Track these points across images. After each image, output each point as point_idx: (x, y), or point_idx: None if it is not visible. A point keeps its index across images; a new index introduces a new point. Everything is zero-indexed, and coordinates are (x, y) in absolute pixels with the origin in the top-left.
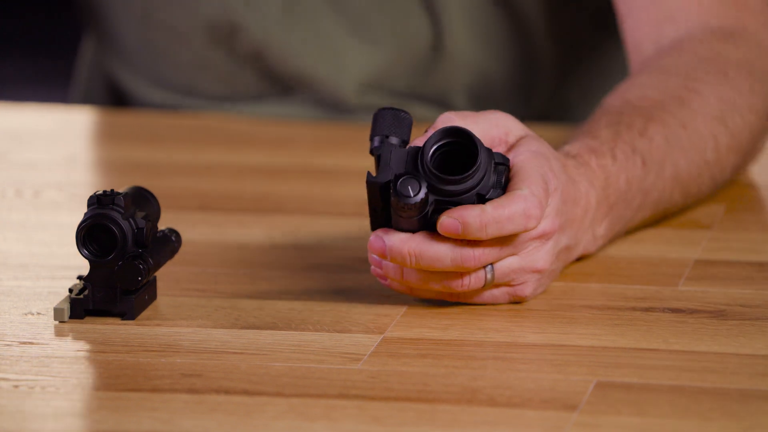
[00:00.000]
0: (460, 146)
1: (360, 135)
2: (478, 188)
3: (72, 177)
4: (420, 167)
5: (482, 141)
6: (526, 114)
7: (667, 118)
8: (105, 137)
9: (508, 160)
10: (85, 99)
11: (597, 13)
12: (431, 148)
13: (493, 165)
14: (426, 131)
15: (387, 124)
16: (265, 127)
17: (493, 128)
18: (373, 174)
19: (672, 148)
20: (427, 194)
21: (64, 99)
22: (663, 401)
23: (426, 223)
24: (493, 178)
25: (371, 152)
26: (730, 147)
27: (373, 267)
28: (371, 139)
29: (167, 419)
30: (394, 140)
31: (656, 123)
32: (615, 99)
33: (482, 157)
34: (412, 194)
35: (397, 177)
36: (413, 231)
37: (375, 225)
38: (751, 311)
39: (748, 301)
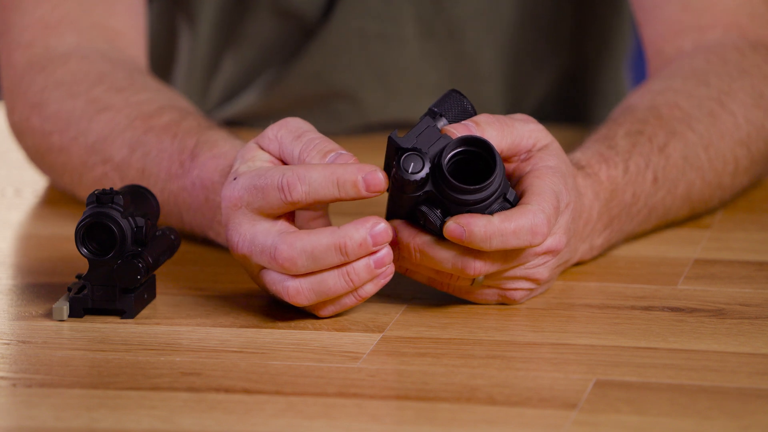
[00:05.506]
0: (480, 158)
1: (359, 136)
2: (477, 207)
3: None
4: (435, 166)
5: (512, 148)
6: (563, 116)
7: (691, 136)
8: None
9: (517, 201)
10: None
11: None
12: (452, 150)
13: (502, 196)
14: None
15: (447, 104)
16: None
17: (524, 138)
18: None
19: (689, 168)
20: (422, 179)
21: None
22: (662, 400)
23: (415, 205)
24: (495, 207)
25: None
26: (747, 170)
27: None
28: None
29: (166, 417)
30: (442, 122)
31: (678, 139)
32: (643, 99)
33: (496, 175)
34: (410, 171)
35: (405, 150)
36: (399, 209)
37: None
38: (750, 310)
39: (747, 300)
